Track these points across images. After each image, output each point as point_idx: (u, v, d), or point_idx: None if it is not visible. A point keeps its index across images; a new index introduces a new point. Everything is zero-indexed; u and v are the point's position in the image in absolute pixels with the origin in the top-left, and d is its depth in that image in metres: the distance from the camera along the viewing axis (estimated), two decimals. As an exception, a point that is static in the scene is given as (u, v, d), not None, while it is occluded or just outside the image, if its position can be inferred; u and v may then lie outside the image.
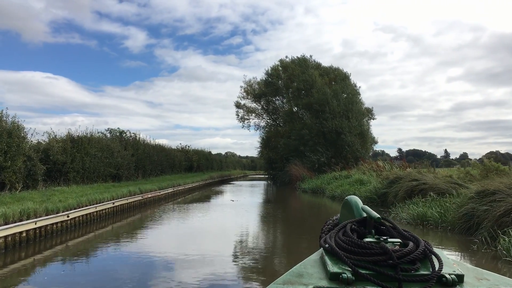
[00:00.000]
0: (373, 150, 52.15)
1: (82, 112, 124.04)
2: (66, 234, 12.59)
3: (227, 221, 17.55)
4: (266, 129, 57.79)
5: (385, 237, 2.06)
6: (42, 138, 21.92)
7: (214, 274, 8.39)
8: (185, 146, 51.44)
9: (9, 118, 16.86)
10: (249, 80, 58.72)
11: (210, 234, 14.40)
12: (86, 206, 14.33)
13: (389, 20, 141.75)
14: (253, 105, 58.50)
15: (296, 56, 52.71)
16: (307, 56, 52.38)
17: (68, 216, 12.68)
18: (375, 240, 2.02)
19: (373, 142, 49.77)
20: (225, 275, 8.33)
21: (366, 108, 50.15)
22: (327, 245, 2.05)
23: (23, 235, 10.35)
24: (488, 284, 1.83)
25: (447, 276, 1.79)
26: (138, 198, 20.61)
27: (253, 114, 58.79)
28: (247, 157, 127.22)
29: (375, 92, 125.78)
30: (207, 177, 46.48)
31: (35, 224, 10.69)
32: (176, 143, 58.63)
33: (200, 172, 51.24)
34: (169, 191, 27.50)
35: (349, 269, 1.81)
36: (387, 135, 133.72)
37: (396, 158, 55.06)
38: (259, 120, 59.01)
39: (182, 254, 10.45)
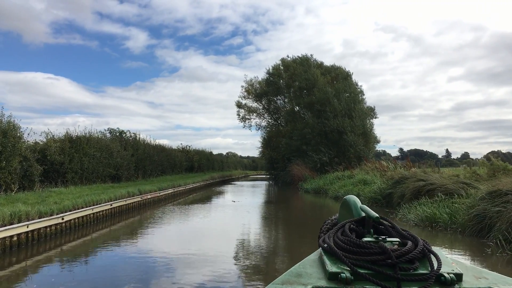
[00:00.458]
0: (374, 150, 51.56)
1: (84, 113, 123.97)
2: (61, 238, 12.08)
3: (229, 223, 17.10)
4: (268, 129, 57.47)
5: (384, 237, 2.05)
6: (40, 138, 21.57)
7: (216, 276, 8.28)
8: (186, 146, 51.07)
9: (5, 118, 16.46)
10: (250, 80, 58.38)
11: (212, 236, 13.97)
12: (83, 208, 13.84)
13: (390, 20, 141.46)
14: (254, 105, 58.17)
15: (298, 55, 52.32)
16: (309, 55, 51.95)
17: (63, 219, 12.19)
18: (374, 240, 2.02)
19: (376, 142, 49.25)
20: (227, 276, 8.26)
21: (369, 107, 49.65)
22: (326, 245, 2.05)
23: (14, 239, 9.85)
24: (487, 283, 1.84)
25: (446, 275, 1.80)
26: (137, 199, 20.13)
27: (254, 114, 58.45)
28: (248, 157, 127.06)
29: (376, 92, 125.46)
30: (208, 178, 45.99)
31: (27, 228, 10.19)
32: (177, 144, 58.07)
33: (201, 173, 50.80)
34: (170, 192, 27.02)
35: (348, 269, 1.81)
36: (388, 135, 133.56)
37: (398, 158, 54.63)
38: (261, 120, 58.70)
39: (183, 256, 10.16)
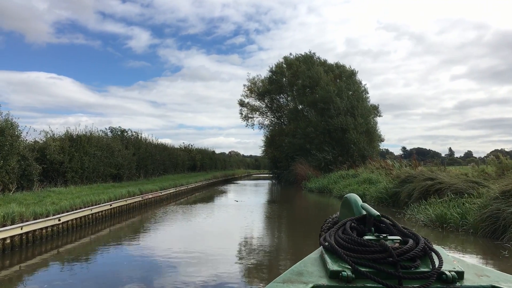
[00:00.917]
0: (378, 149, 51.00)
1: (86, 112, 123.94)
2: (58, 239, 11.64)
3: (232, 222, 16.71)
4: (270, 128, 57.05)
5: (385, 235, 2.05)
6: (39, 137, 21.19)
7: (219, 275, 8.28)
8: (188, 145, 50.60)
9: (2, 116, 16.07)
10: (253, 78, 57.86)
11: (214, 236, 13.61)
12: (81, 209, 13.41)
13: (392, 19, 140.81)
14: (257, 103, 57.71)
15: (301, 53, 51.82)
16: (312, 53, 51.44)
17: (60, 220, 11.75)
18: (375, 238, 2.02)
19: (380, 140, 48.67)
20: (230, 275, 8.27)
21: (372, 105, 49.14)
22: (327, 243, 2.05)
23: (7, 242, 9.41)
24: (488, 281, 1.83)
25: (447, 273, 1.80)
26: (138, 199, 19.71)
27: (257, 113, 58.00)
28: (251, 156, 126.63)
29: (379, 91, 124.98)
30: (211, 177, 45.58)
31: (21, 229, 9.75)
32: (180, 143, 57.67)
33: (204, 172, 50.39)
34: (171, 192, 26.60)
35: (349, 267, 1.81)
36: (391, 134, 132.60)
37: (401, 157, 54.17)
38: (263, 119, 58.25)
39: (186, 256, 9.93)
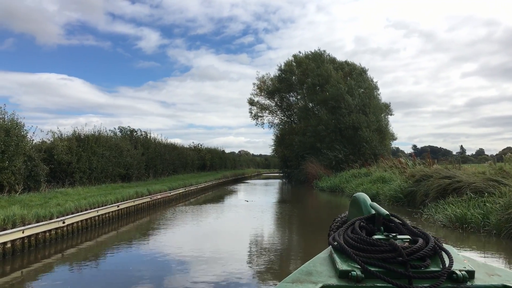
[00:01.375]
0: (390, 147, 50.19)
1: (97, 113, 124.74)
2: (62, 243, 11.21)
3: (242, 223, 16.27)
4: (280, 126, 56.66)
5: (394, 234, 2.03)
6: (47, 137, 20.93)
7: (229, 274, 8.24)
8: (198, 145, 50.27)
9: (7, 116, 15.77)
10: (262, 77, 57.44)
11: (224, 237, 13.25)
12: (86, 210, 13.00)
13: (401, 16, 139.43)
14: (267, 102, 57.29)
15: (310, 51, 51.18)
16: (322, 51, 50.79)
17: (64, 222, 11.33)
18: (384, 237, 2.00)
19: (392, 139, 47.92)
20: (240, 275, 8.23)
21: (384, 103, 48.42)
22: (336, 243, 2.04)
23: (8, 246, 8.99)
24: (499, 280, 1.80)
25: (458, 272, 1.79)
26: (146, 200, 19.29)
27: (267, 111, 57.58)
28: (261, 156, 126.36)
29: (389, 89, 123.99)
30: (221, 176, 45.17)
31: (23, 233, 9.32)
32: (190, 143, 57.40)
33: (213, 171, 50.04)
34: (180, 192, 26.20)
35: (359, 267, 1.79)
36: (401, 132, 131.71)
37: (410, 155, 53.46)
38: (273, 117, 57.82)
39: (195, 257, 9.67)
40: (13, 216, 9.16)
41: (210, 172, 47.42)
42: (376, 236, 2.02)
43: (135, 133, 32.29)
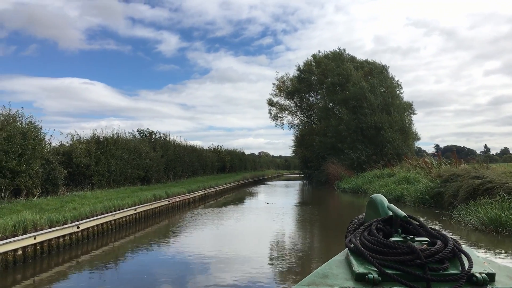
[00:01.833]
0: (414, 147, 48.99)
1: (118, 116, 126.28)
2: (77, 249, 10.88)
3: (262, 226, 15.82)
4: (300, 127, 56.17)
5: (412, 236, 2.00)
6: (66, 140, 20.84)
7: (249, 277, 8.21)
8: (217, 146, 50.02)
9: (24, 118, 15.63)
10: (282, 77, 56.99)
11: (244, 240, 12.89)
12: (102, 214, 12.67)
13: (421, 15, 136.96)
14: (286, 103, 56.81)
15: (330, 51, 50.44)
16: (341, 50, 49.99)
17: (79, 227, 11.01)
18: (402, 239, 1.97)
19: (416, 139, 46.73)
20: (260, 277, 8.22)
21: (406, 102, 47.32)
22: (352, 245, 2.01)
23: (19, 253, 8.66)
24: None
25: (478, 275, 1.74)
26: (165, 203, 18.95)
27: (286, 112, 57.12)
28: (281, 157, 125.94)
29: (410, 88, 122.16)
30: (240, 178, 44.78)
31: (34, 239, 9.01)
32: (209, 144, 57.29)
33: (233, 173, 49.69)
34: (200, 194, 25.87)
35: (375, 269, 1.76)
36: (423, 132, 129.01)
37: (434, 155, 52.29)
38: (293, 118, 57.33)
39: (216, 260, 9.48)
40: (24, 222, 8.84)
41: (230, 174, 47.08)
42: (394, 238, 1.99)
43: (154, 135, 32.12)
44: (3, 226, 8.16)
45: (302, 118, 56.89)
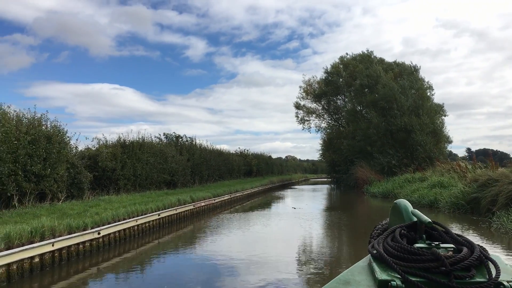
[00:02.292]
0: (446, 150, 47.49)
1: (147, 121, 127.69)
2: (98, 255, 10.58)
3: (289, 232, 15.34)
4: (328, 130, 55.46)
5: (437, 243, 1.94)
6: (92, 144, 20.85)
7: (275, 283, 8.11)
8: (244, 150, 49.71)
9: (49, 122, 15.59)
10: (308, 80, 56.35)
11: (271, 247, 12.38)
12: (124, 220, 12.36)
13: (451, 15, 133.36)
14: (313, 106, 56.13)
15: (358, 53, 49.56)
16: (370, 51, 49.00)
17: (99, 233, 10.72)
18: (426, 246, 1.92)
19: (448, 142, 45.24)
20: (288, 283, 8.12)
21: (437, 104, 45.91)
22: (375, 251, 1.98)
23: (35, 261, 8.36)
24: None
25: (505, 284, 1.69)
26: (189, 208, 18.62)
27: (314, 115, 56.43)
28: (308, 161, 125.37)
29: (440, 90, 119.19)
30: (267, 182, 44.28)
31: (52, 246, 8.72)
32: (236, 148, 57.09)
33: (260, 177, 49.28)
34: (226, 198, 25.50)
35: (399, 277, 1.72)
36: (454, 135, 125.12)
37: (467, 158, 50.63)
38: (320, 121, 56.59)
39: (243, 268, 9.22)
40: (42, 228, 8.57)
41: (257, 178, 46.68)
42: (418, 245, 1.93)
43: (181, 139, 32.02)
44: (19, 233, 7.89)
45: (330, 121, 56.14)
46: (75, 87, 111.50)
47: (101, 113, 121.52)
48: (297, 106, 55.97)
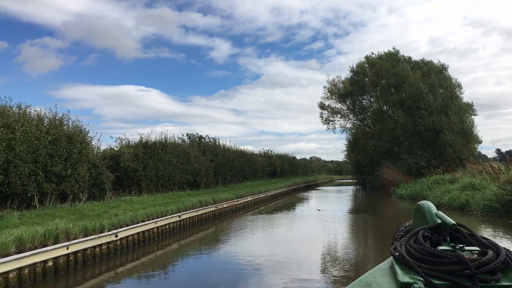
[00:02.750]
0: (476, 151, 46.03)
1: (172, 122, 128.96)
2: (115, 259, 10.27)
3: (314, 234, 14.88)
4: (353, 131, 54.48)
5: (462, 245, 1.91)
6: (115, 144, 20.76)
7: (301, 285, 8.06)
8: (268, 151, 49.27)
9: (70, 121, 15.48)
10: (333, 80, 55.51)
11: (296, 250, 11.93)
12: (143, 222, 12.05)
13: (480, 14, 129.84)
14: (338, 106, 55.24)
15: (384, 52, 48.46)
16: (396, 50, 47.87)
17: (117, 236, 10.41)
18: (450, 248, 1.89)
19: (477, 142, 43.76)
20: (312, 285, 8.10)
21: (466, 103, 44.48)
22: (397, 253, 1.94)
23: (49, 265, 8.05)
24: None
25: None
26: (211, 209, 18.26)
27: (338, 115, 55.54)
28: (332, 162, 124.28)
29: (468, 90, 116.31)
30: (291, 183, 43.75)
31: (67, 249, 8.42)
32: (260, 149, 56.77)
33: (284, 178, 48.77)
34: (249, 200, 25.09)
35: (421, 279, 1.69)
36: (483, 135, 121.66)
37: (495, 159, 49.12)
38: (345, 122, 55.65)
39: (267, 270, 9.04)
40: (56, 230, 8.28)
41: (281, 179, 46.20)
42: (441, 247, 1.89)
43: (204, 140, 31.79)
44: (32, 236, 7.62)
45: (355, 122, 55.16)
46: (103, 89, 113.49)
47: (128, 115, 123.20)
48: (322, 106, 55.21)
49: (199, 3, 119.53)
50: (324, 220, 17.99)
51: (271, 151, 49.72)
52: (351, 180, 67.19)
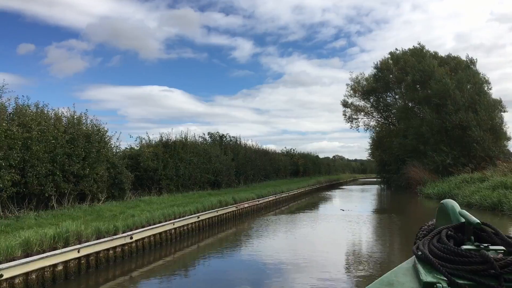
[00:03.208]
0: (506, 149, 44.52)
1: (195, 122, 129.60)
2: (130, 262, 9.89)
3: (338, 235, 14.45)
4: (377, 129, 53.45)
5: (486, 245, 1.83)
6: (135, 144, 20.59)
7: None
8: (290, 150, 48.71)
9: (88, 120, 15.28)
10: (356, 77, 54.40)
11: (320, 250, 11.61)
12: (160, 223, 11.67)
13: (507, 8, 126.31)
14: (362, 103, 54.17)
15: (408, 48, 47.22)
16: (422, 45, 46.58)
17: (132, 238, 10.05)
18: (475, 248, 1.81)
19: (506, 139, 42.24)
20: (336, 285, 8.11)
21: (495, 99, 43.00)
22: (420, 252, 1.89)
23: (59, 269, 7.70)
24: None
25: None
26: (231, 209, 17.83)
27: (362, 113, 54.49)
28: (356, 160, 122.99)
29: (495, 87, 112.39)
30: (314, 182, 43.10)
31: (78, 252, 8.09)
32: (282, 148, 56.39)
33: (307, 177, 48.13)
34: (271, 199, 24.61)
35: (445, 279, 1.64)
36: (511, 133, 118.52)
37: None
38: (369, 119, 54.55)
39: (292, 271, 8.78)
40: (66, 233, 7.94)
41: (303, 178, 45.59)
42: (465, 246, 1.80)
43: (225, 139, 31.47)
44: (40, 239, 7.31)
45: (379, 119, 54.05)
46: (127, 90, 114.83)
47: (152, 115, 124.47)
48: (345, 104, 54.28)
49: (221, 3, 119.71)
50: (348, 221, 17.41)
51: (294, 150, 49.26)
52: (375, 179, 66.19)
